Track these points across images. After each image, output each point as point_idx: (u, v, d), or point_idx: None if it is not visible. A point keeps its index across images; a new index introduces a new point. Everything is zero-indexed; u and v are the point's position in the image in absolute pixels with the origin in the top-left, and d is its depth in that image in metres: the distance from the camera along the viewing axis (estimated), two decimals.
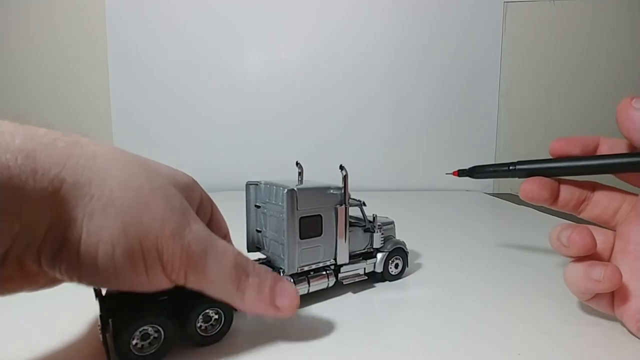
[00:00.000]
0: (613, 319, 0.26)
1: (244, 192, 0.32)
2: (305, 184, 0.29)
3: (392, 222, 0.35)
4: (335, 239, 0.29)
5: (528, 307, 0.29)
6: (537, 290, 0.32)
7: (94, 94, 0.92)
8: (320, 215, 0.28)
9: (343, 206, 0.29)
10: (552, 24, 0.87)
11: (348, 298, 0.31)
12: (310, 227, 0.28)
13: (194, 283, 0.19)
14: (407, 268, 0.35)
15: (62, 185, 0.16)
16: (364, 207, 0.32)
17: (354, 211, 0.32)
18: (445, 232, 0.52)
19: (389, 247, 0.33)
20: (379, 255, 0.33)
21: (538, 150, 0.32)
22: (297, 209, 0.27)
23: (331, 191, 0.29)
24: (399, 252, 0.34)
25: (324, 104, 0.90)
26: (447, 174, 0.36)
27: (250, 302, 0.21)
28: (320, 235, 0.28)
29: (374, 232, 0.32)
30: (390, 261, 0.33)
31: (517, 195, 0.30)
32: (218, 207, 0.28)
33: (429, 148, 0.91)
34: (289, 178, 0.32)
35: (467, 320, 0.27)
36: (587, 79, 0.88)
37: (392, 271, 0.34)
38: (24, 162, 0.15)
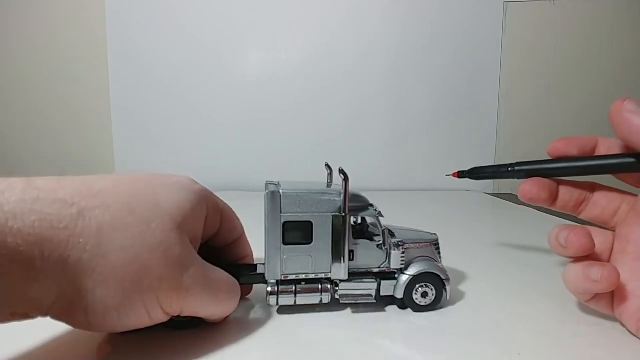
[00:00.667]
0: (613, 319, 0.26)
1: (245, 192, 0.32)
2: (304, 186, 0.28)
3: (429, 241, 0.29)
4: (331, 251, 0.27)
5: (528, 307, 0.29)
6: (537, 290, 0.32)
7: (94, 94, 0.92)
8: (311, 222, 0.26)
9: (341, 215, 0.26)
10: (552, 24, 0.87)
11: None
12: (296, 233, 0.26)
13: (188, 313, 0.22)
14: (446, 299, 0.28)
15: (66, 263, 0.18)
16: (380, 219, 0.28)
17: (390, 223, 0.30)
18: (445, 232, 0.52)
19: (414, 271, 0.28)
20: (402, 278, 0.28)
21: (538, 150, 0.32)
22: (280, 212, 0.26)
23: (328, 197, 0.26)
24: (430, 278, 0.28)
25: (324, 104, 0.90)
26: (447, 175, 0.36)
27: (230, 311, 0.25)
28: (309, 243, 0.26)
29: (382, 248, 0.28)
30: (416, 288, 0.28)
31: (517, 195, 0.30)
32: None
33: (429, 148, 0.91)
34: (318, 180, 0.30)
35: (467, 320, 0.27)
36: (587, 79, 0.88)
37: (417, 300, 0.28)
38: (32, 247, 0.17)
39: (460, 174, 0.34)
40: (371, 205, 0.28)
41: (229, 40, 0.90)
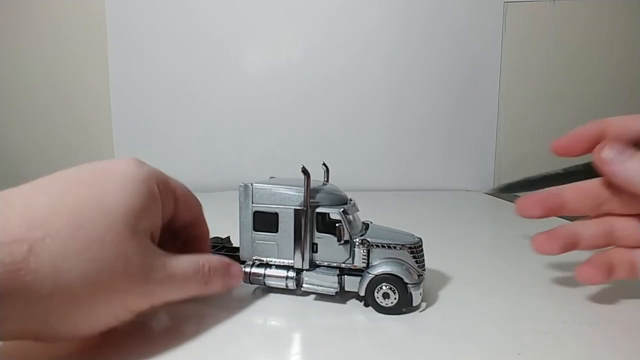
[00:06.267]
0: (613, 319, 0.26)
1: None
2: (287, 182, 0.30)
3: (403, 244, 0.28)
4: (294, 242, 0.29)
5: (528, 307, 0.29)
6: (537, 290, 0.32)
7: (94, 96, 0.92)
8: (277, 214, 0.29)
9: (301, 209, 0.28)
10: (552, 24, 0.87)
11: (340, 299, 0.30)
12: (264, 222, 0.29)
13: (158, 305, 0.22)
14: (411, 305, 0.28)
15: (28, 302, 0.17)
16: (345, 216, 0.29)
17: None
18: (443, 232, 0.52)
19: (376, 271, 0.28)
20: (365, 277, 0.28)
21: (538, 149, 0.32)
22: (252, 203, 0.29)
23: (294, 192, 0.29)
24: (393, 280, 0.27)
25: (324, 104, 0.90)
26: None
27: (210, 292, 0.25)
28: (275, 232, 0.29)
29: (339, 244, 0.28)
30: (377, 288, 0.28)
31: (518, 195, 0.30)
32: (217, 207, 0.28)
33: (428, 148, 0.91)
34: (315, 179, 0.32)
35: (467, 320, 0.27)
36: (587, 78, 0.88)
37: (379, 301, 0.28)
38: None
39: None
40: (347, 202, 0.30)
41: (229, 39, 0.90)
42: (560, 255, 0.29)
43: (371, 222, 0.33)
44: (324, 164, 0.33)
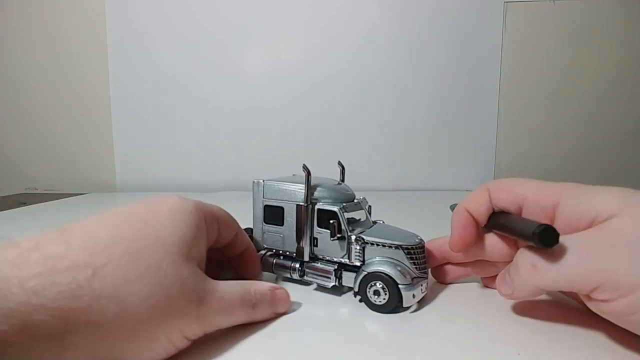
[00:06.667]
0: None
1: (244, 192, 0.33)
2: (298, 180, 0.31)
3: (398, 244, 0.28)
4: (295, 234, 0.31)
5: (528, 307, 0.29)
6: None
7: (94, 96, 0.92)
8: (283, 208, 0.31)
9: (302, 204, 0.30)
10: (553, 24, 0.87)
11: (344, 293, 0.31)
12: (272, 215, 0.32)
13: (210, 331, 0.23)
14: (401, 306, 0.28)
15: (95, 329, 0.18)
16: (342, 213, 0.29)
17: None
18: (444, 232, 0.52)
19: (369, 269, 0.28)
20: (359, 273, 0.29)
21: (538, 149, 0.32)
22: (263, 197, 0.32)
23: (298, 188, 0.31)
24: (384, 279, 0.27)
25: (324, 104, 0.90)
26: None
27: (259, 318, 0.26)
28: (281, 225, 0.32)
29: (333, 240, 0.29)
30: (369, 285, 0.28)
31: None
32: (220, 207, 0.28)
33: (428, 148, 0.91)
34: (331, 177, 0.34)
35: (467, 320, 0.27)
36: (588, 79, 0.88)
37: (371, 298, 0.28)
38: (58, 320, 0.17)
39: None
40: (350, 200, 0.31)
41: (229, 39, 0.90)
42: None
43: (382, 221, 0.33)
44: (339, 163, 0.35)
